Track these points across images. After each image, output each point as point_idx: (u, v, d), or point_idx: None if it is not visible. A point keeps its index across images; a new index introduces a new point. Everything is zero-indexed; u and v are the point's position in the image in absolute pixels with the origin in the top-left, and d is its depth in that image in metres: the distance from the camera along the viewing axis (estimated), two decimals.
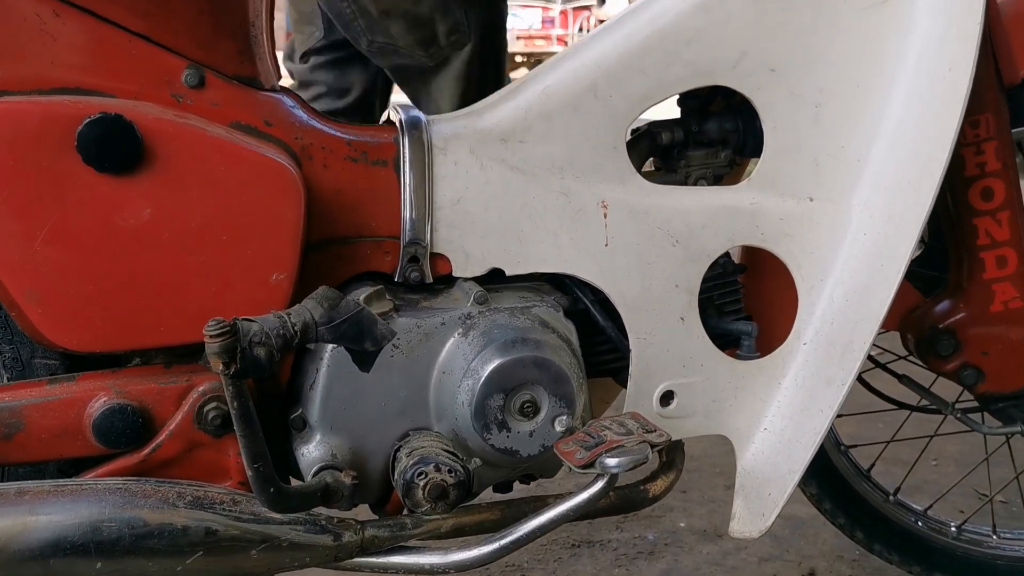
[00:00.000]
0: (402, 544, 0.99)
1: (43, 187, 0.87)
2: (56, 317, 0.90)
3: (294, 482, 1.01)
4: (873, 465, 1.51)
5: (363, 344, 0.90)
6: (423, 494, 0.89)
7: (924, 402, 1.42)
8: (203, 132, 0.92)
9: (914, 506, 1.54)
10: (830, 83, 1.13)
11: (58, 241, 0.88)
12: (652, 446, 0.97)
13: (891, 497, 1.53)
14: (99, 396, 0.94)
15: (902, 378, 1.42)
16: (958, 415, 1.36)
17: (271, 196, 0.94)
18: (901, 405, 1.49)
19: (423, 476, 0.89)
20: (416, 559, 0.98)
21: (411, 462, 0.90)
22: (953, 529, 1.52)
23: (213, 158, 0.92)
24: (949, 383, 1.32)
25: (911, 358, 1.36)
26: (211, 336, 0.84)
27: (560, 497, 1.02)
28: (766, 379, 1.15)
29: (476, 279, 1.08)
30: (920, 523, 1.53)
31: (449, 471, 0.89)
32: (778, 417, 1.13)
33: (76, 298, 0.90)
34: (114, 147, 0.87)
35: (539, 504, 1.05)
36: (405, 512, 0.97)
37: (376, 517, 1.05)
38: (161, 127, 0.90)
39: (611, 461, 0.94)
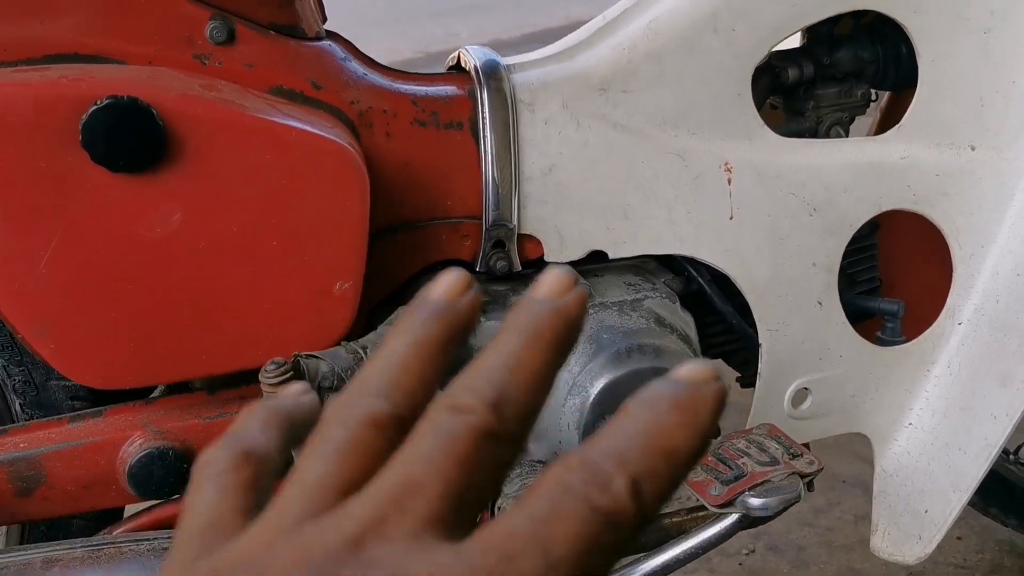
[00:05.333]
0: None
1: (42, 194, 0.68)
2: (72, 352, 0.72)
3: None
4: None
5: (455, 373, 0.72)
6: None
7: None
8: (240, 111, 0.72)
9: None
10: (1003, 2, 0.91)
11: (69, 260, 0.70)
12: (803, 478, 0.80)
13: (1011, 456, 1.38)
14: (133, 438, 0.78)
15: None
16: None
17: (329, 187, 0.75)
18: None
19: None
20: None
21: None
22: None
23: (254, 145, 0.72)
24: None
25: None
26: (272, 383, 0.67)
27: (677, 522, 0.86)
28: (912, 366, 0.97)
29: (573, 264, 0.89)
30: None
31: None
32: (927, 412, 0.96)
33: (95, 329, 0.72)
34: (130, 140, 0.67)
35: (653, 528, 0.89)
36: None
37: None
38: (187, 109, 0.70)
39: (756, 502, 0.78)
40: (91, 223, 0.69)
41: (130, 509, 0.88)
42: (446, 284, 0.29)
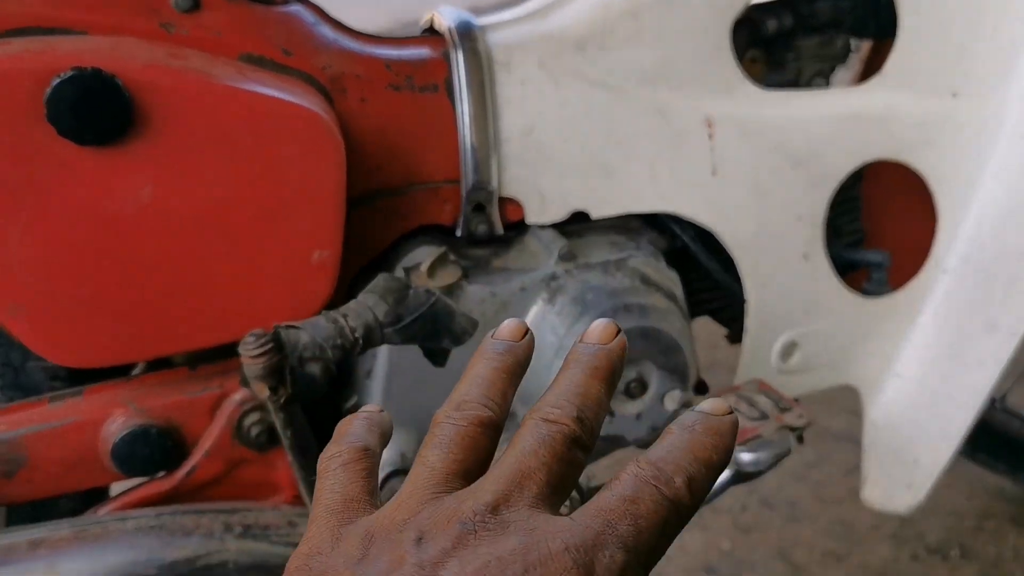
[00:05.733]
0: None
1: (9, 171, 0.66)
2: (47, 331, 0.71)
3: None
4: None
5: (440, 342, 0.71)
6: None
7: None
8: (208, 79, 0.70)
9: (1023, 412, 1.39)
10: None
11: (39, 237, 0.68)
12: (792, 431, 0.79)
13: (997, 404, 1.38)
14: (114, 416, 0.76)
15: None
16: None
17: (302, 154, 0.73)
18: None
19: None
20: None
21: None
22: None
23: (224, 113, 0.70)
24: None
25: None
26: (251, 356, 0.65)
27: None
28: (899, 316, 0.97)
29: (555, 225, 0.88)
30: None
31: None
32: (915, 361, 0.96)
33: (69, 306, 0.70)
34: (96, 112, 0.66)
35: None
36: None
37: None
38: (153, 78, 0.68)
39: (747, 457, 0.78)
40: (60, 198, 0.68)
41: (116, 491, 0.87)
42: (512, 328, 0.40)
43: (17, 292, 0.69)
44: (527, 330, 0.39)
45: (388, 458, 0.83)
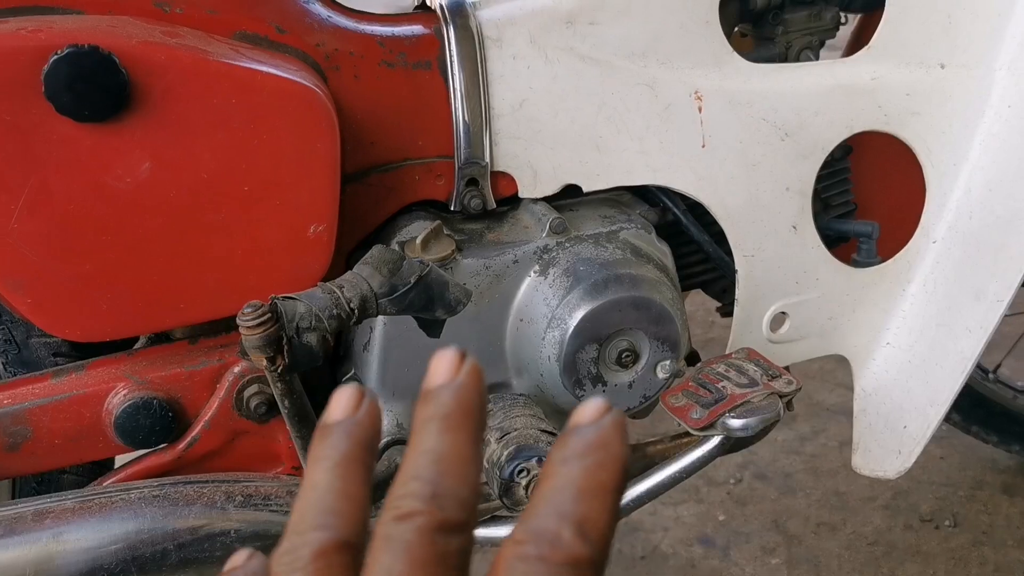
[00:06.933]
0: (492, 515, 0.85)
1: (9, 148, 0.67)
2: (49, 306, 0.72)
3: None
4: None
5: (434, 312, 0.73)
6: (525, 493, 0.74)
7: None
8: (203, 56, 0.71)
9: (1016, 384, 1.41)
10: None
11: (40, 213, 0.69)
12: (781, 397, 0.81)
13: (991, 375, 1.40)
14: (117, 389, 0.78)
15: None
16: None
17: (297, 130, 0.74)
18: None
19: (525, 473, 0.73)
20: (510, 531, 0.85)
21: (507, 454, 0.74)
22: None
23: (219, 90, 0.71)
24: None
25: None
26: (249, 326, 0.67)
27: (661, 449, 0.87)
28: (888, 286, 0.98)
29: (547, 199, 0.89)
30: (1021, 400, 1.41)
31: None
32: (904, 330, 0.97)
33: (70, 281, 0.72)
34: (93, 89, 0.67)
35: (638, 456, 0.90)
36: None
37: None
38: (149, 55, 0.69)
39: (736, 423, 0.79)
40: (60, 175, 0.69)
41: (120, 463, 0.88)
42: (342, 403, 0.30)
43: (19, 267, 0.70)
44: (361, 395, 0.31)
45: (385, 428, 0.85)
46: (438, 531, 0.27)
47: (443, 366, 0.29)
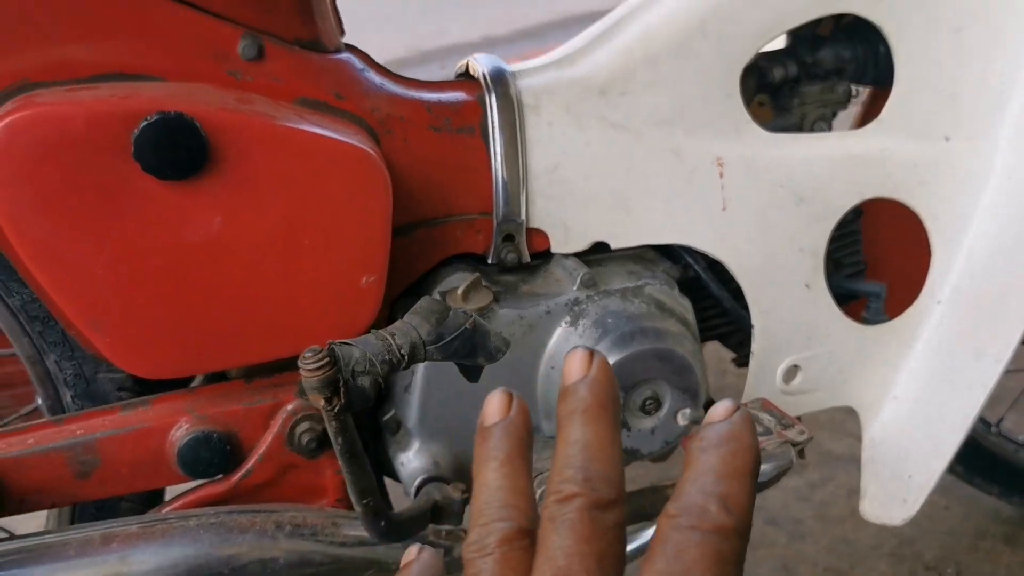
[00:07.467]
0: None
1: (99, 202, 0.75)
2: (126, 345, 0.79)
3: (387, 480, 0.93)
4: None
5: (475, 359, 0.79)
6: None
7: None
8: (272, 122, 0.78)
9: (1017, 438, 1.46)
10: (973, 2, 0.98)
11: (122, 262, 0.76)
12: (794, 446, 0.87)
13: (993, 428, 1.45)
14: (179, 423, 0.85)
15: None
16: None
17: (354, 189, 0.81)
18: None
19: None
20: None
21: (539, 493, 0.80)
22: None
23: (286, 152, 0.78)
24: None
25: None
26: (309, 369, 0.73)
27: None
28: (895, 343, 1.04)
29: (577, 254, 0.96)
30: (1023, 454, 1.46)
31: None
32: (911, 385, 1.03)
33: (147, 323, 0.78)
34: (177, 152, 0.74)
35: (658, 498, 0.96)
36: None
37: None
38: (226, 121, 0.76)
39: None
40: (142, 227, 0.76)
41: (172, 492, 0.95)
42: (495, 407, 0.36)
43: (102, 310, 0.77)
44: (511, 397, 0.36)
45: (421, 465, 0.91)
46: (595, 508, 0.31)
47: (576, 364, 0.35)
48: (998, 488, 1.46)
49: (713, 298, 1.03)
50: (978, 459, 1.43)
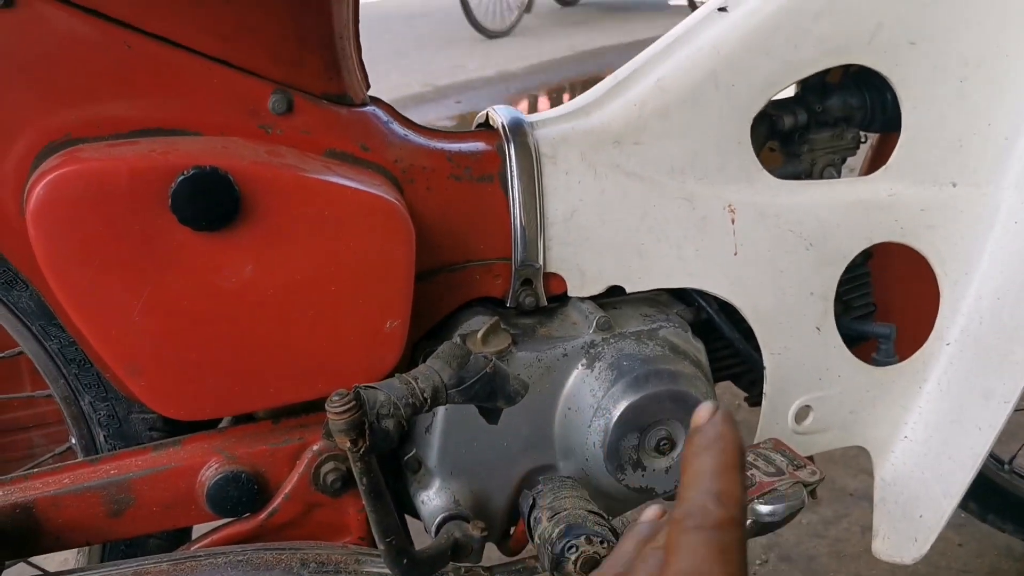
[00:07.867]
0: None
1: (138, 253, 0.78)
2: (160, 388, 0.82)
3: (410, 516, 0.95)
4: None
5: (495, 402, 0.82)
6: (575, 568, 0.82)
7: None
8: (301, 174, 0.82)
9: None
10: (976, 53, 1.01)
11: (159, 309, 0.80)
12: (806, 486, 0.89)
13: (1006, 466, 1.47)
14: (209, 463, 0.87)
15: None
16: None
17: (380, 237, 0.85)
18: None
19: (574, 550, 0.82)
20: None
21: (557, 531, 0.83)
22: None
23: (314, 202, 0.82)
24: None
25: None
26: (336, 412, 0.76)
27: None
28: (905, 384, 1.06)
29: (593, 297, 0.99)
30: None
31: (601, 542, 0.82)
32: (920, 425, 1.05)
33: (181, 367, 0.82)
34: (212, 204, 0.78)
35: None
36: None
37: (501, 555, 1.00)
38: (257, 174, 0.80)
39: (764, 508, 0.87)
40: (178, 276, 0.79)
41: (197, 531, 0.97)
42: (705, 414, 0.41)
43: (139, 354, 0.80)
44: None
45: (442, 504, 0.94)
46: (723, 526, 0.36)
47: (704, 413, 0.40)
48: (1011, 525, 1.47)
49: (725, 340, 1.05)
50: (991, 496, 1.45)
